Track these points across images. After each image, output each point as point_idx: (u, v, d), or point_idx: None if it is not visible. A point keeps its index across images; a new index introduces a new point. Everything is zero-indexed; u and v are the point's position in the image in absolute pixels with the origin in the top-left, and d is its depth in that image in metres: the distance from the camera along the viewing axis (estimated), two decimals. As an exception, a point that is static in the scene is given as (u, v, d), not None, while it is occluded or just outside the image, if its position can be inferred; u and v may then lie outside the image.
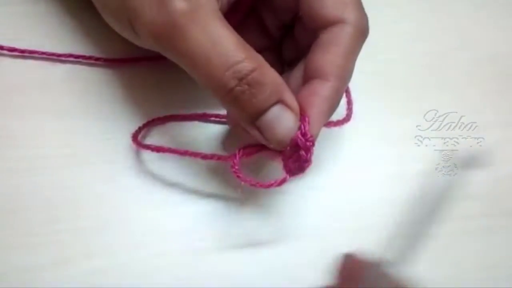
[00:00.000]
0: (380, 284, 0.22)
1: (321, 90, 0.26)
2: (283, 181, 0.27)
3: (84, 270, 0.30)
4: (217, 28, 0.24)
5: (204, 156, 0.29)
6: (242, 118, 0.26)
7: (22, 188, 0.31)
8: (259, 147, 0.28)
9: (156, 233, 0.31)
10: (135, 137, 0.31)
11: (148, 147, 0.31)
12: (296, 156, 0.27)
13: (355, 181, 0.35)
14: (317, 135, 0.27)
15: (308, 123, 0.26)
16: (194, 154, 0.29)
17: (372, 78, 0.37)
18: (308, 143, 0.26)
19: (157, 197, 0.32)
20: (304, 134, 0.26)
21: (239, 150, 0.27)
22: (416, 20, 0.40)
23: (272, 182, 0.27)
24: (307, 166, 0.27)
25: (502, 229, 0.34)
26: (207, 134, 0.34)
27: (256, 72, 0.24)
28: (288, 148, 0.26)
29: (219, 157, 0.29)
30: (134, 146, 0.31)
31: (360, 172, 0.35)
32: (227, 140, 0.34)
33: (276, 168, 0.28)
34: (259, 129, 0.26)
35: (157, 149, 0.30)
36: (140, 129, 0.32)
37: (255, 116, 0.25)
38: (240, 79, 0.24)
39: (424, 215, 0.28)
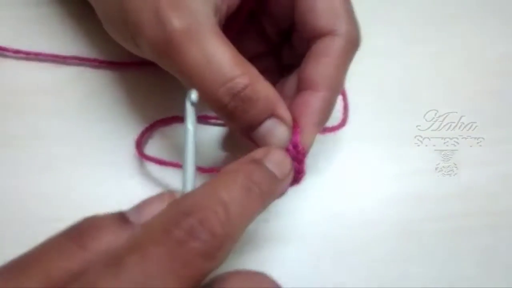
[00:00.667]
0: None
1: (313, 101, 0.27)
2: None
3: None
4: (213, 44, 0.25)
5: (204, 170, 0.29)
6: (237, 130, 0.27)
7: (23, 188, 0.31)
8: None
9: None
10: (138, 145, 0.32)
11: (150, 158, 0.31)
12: None
13: (355, 181, 0.35)
14: (310, 146, 0.27)
15: (300, 134, 0.26)
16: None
17: (373, 78, 0.37)
18: (299, 155, 0.26)
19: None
20: (295, 146, 0.26)
21: None
22: (415, 20, 0.40)
23: None
24: (302, 177, 0.27)
25: (502, 228, 0.35)
26: (207, 135, 0.34)
27: (249, 89, 0.25)
28: None
29: (217, 170, 0.29)
30: (136, 153, 0.32)
31: (360, 172, 0.35)
32: (226, 141, 0.34)
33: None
34: (254, 140, 0.26)
35: (159, 162, 0.31)
36: (142, 134, 0.32)
37: (249, 129, 0.26)
38: (233, 96, 0.25)
39: None
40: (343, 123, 0.34)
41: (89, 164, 0.33)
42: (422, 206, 0.34)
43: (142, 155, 0.31)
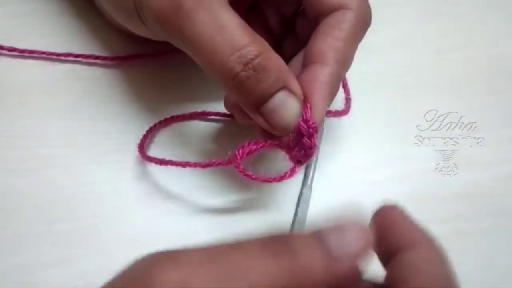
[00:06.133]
0: None
1: (321, 75, 0.26)
2: (293, 171, 0.27)
3: (83, 270, 0.29)
4: (224, 13, 0.24)
5: (204, 165, 0.28)
6: (247, 104, 0.25)
7: (22, 188, 0.31)
8: (259, 144, 0.27)
9: (156, 234, 0.31)
10: (141, 148, 0.31)
11: (152, 159, 0.31)
12: (301, 144, 0.26)
13: (355, 181, 0.34)
14: (320, 121, 0.27)
15: (310, 109, 0.26)
16: (194, 165, 0.29)
17: (372, 78, 0.37)
18: (310, 130, 0.26)
19: (156, 198, 0.32)
20: (306, 121, 0.25)
21: (238, 151, 0.27)
22: (416, 20, 0.40)
23: (283, 174, 0.27)
24: (313, 152, 0.27)
25: (502, 229, 0.34)
26: (208, 132, 0.34)
27: (261, 57, 0.24)
28: (291, 137, 0.26)
29: (219, 163, 0.28)
30: (139, 155, 0.31)
31: (360, 172, 0.35)
32: (225, 137, 0.34)
33: (273, 162, 0.29)
34: (263, 115, 0.25)
35: (160, 162, 0.30)
36: (144, 138, 0.32)
37: (260, 102, 0.25)
38: (246, 64, 0.24)
39: None
40: (346, 110, 0.33)
41: (85, 163, 0.32)
42: (422, 206, 0.34)
43: (144, 157, 0.31)
